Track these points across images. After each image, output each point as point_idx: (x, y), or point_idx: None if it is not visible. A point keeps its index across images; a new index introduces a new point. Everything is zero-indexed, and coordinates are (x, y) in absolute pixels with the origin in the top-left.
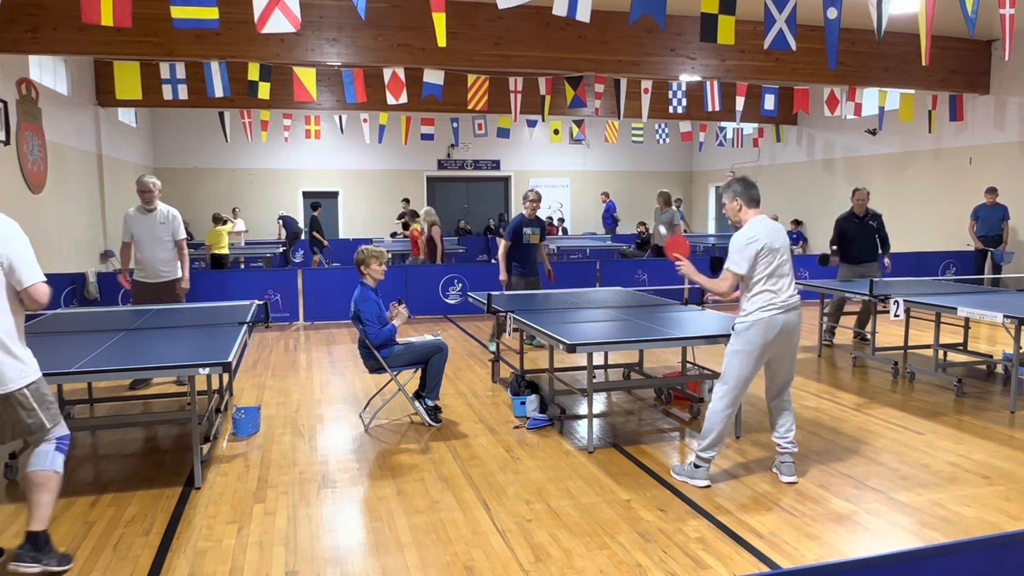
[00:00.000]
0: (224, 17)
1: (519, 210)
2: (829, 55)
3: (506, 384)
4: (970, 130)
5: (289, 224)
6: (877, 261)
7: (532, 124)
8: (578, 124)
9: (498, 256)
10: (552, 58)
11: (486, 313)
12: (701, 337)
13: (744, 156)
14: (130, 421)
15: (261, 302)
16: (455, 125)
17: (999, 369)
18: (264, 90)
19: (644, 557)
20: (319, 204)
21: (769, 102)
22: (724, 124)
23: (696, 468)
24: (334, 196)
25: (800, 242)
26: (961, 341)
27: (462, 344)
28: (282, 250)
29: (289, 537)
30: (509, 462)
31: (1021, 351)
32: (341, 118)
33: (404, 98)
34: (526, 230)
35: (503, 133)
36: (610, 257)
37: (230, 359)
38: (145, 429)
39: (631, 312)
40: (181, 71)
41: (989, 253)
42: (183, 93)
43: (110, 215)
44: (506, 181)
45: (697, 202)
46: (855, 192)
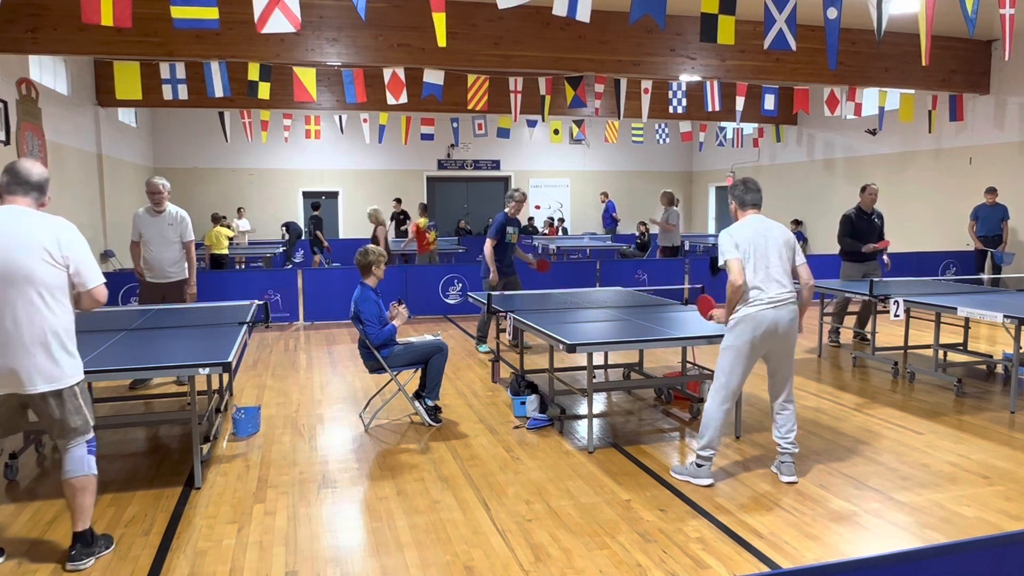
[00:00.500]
0: (224, 17)
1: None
2: (829, 55)
3: (506, 384)
4: (970, 130)
5: (293, 228)
6: (877, 259)
7: (532, 124)
8: (578, 124)
9: (485, 256)
10: (552, 58)
11: (487, 313)
12: (701, 337)
13: (744, 156)
14: (130, 421)
15: (261, 302)
16: (455, 125)
17: (999, 369)
18: (264, 90)
19: (644, 557)
20: (319, 204)
21: (769, 102)
22: (724, 124)
23: (699, 467)
24: (334, 196)
25: (800, 242)
26: (961, 341)
27: (462, 344)
28: (282, 250)
29: (289, 537)
30: (509, 462)
31: (1021, 351)
32: (341, 118)
33: (404, 98)
34: (509, 229)
35: (503, 133)
36: (610, 257)
37: (230, 359)
38: (145, 429)
39: (631, 312)
40: (181, 71)
41: (989, 253)
42: (183, 93)
43: (110, 215)
44: (506, 181)
45: (697, 202)
46: (866, 188)
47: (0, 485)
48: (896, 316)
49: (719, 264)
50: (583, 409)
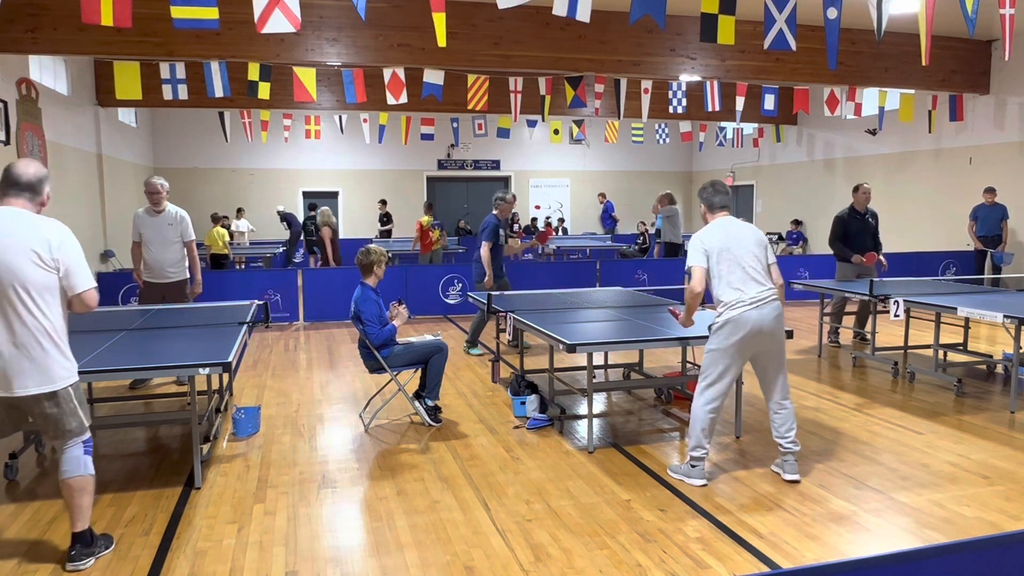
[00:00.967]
0: (224, 17)
1: (514, 210)
2: (829, 55)
3: (506, 384)
4: (970, 130)
5: (293, 222)
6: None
7: (532, 124)
8: (578, 124)
9: (482, 259)
10: (552, 58)
11: (483, 313)
12: (701, 337)
13: (744, 156)
14: (130, 421)
15: (261, 302)
16: (455, 125)
17: (999, 369)
18: (264, 90)
19: (644, 557)
20: (316, 205)
21: (769, 102)
22: (724, 124)
23: (692, 467)
24: (334, 196)
25: (800, 242)
26: (961, 341)
27: (462, 344)
28: (282, 249)
29: (289, 537)
30: (509, 462)
31: (1021, 351)
32: (341, 118)
33: (404, 98)
34: (501, 231)
35: (503, 133)
36: (610, 257)
37: (230, 359)
38: (145, 429)
39: (631, 312)
40: (181, 71)
41: (988, 254)
42: (183, 93)
43: (110, 215)
44: (506, 181)
45: (697, 202)
46: (859, 187)
47: (0, 485)
48: (896, 316)
49: (685, 269)
50: (583, 409)
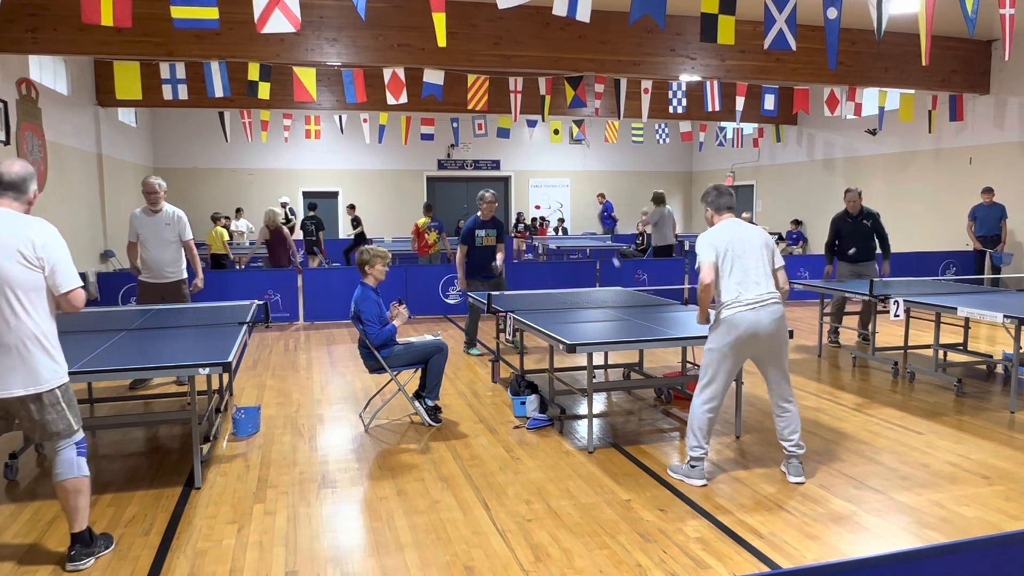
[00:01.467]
0: (224, 17)
1: (518, 209)
2: (829, 55)
3: (506, 384)
4: (970, 130)
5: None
6: (874, 261)
7: (532, 124)
8: (578, 124)
9: (456, 261)
10: (552, 58)
11: (486, 313)
12: (701, 337)
13: (744, 156)
14: (130, 421)
15: (261, 302)
16: (455, 125)
17: (999, 369)
18: (264, 90)
19: (644, 557)
20: (316, 204)
21: (769, 102)
22: (724, 124)
23: (692, 468)
24: (334, 196)
25: (800, 242)
26: (961, 341)
27: (462, 344)
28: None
29: (289, 537)
30: (509, 462)
31: (1021, 351)
32: (341, 118)
33: (404, 98)
34: (479, 232)
35: (503, 133)
36: (610, 257)
37: (230, 359)
38: (145, 429)
39: (631, 312)
40: (181, 71)
41: (988, 254)
42: (183, 93)
43: (110, 215)
44: (506, 181)
45: (697, 202)
46: (846, 193)
47: (0, 485)
48: (896, 316)
49: (696, 267)
50: (583, 409)
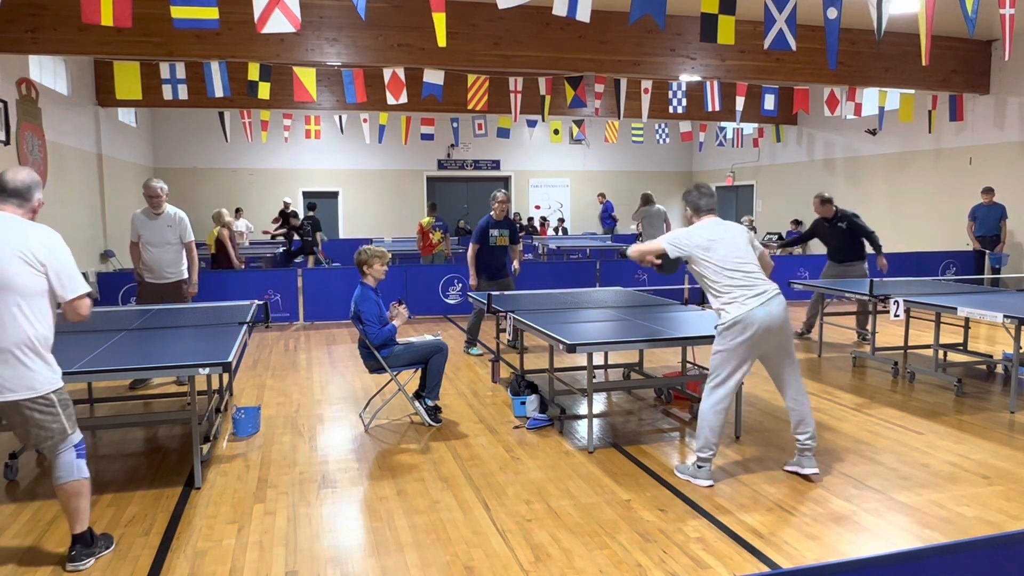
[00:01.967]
0: (224, 17)
1: (516, 210)
2: (829, 55)
3: (506, 384)
4: (970, 130)
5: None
6: (860, 261)
7: (532, 124)
8: (578, 124)
9: (467, 259)
10: (552, 58)
11: (486, 313)
12: (701, 337)
13: (744, 156)
14: (130, 421)
15: (261, 302)
16: (455, 125)
17: (999, 369)
18: (264, 90)
19: (644, 557)
20: (315, 204)
21: (769, 102)
22: (724, 124)
23: (699, 468)
24: (334, 196)
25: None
26: (961, 341)
27: (462, 344)
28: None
29: (289, 537)
30: (509, 462)
31: (1021, 351)
32: (341, 118)
33: (404, 98)
34: (492, 232)
35: (503, 133)
36: (610, 257)
37: (230, 359)
38: (145, 429)
39: (631, 312)
40: (181, 71)
41: (986, 255)
42: (183, 93)
43: (110, 215)
44: (506, 181)
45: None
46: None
47: (0, 485)
48: (896, 316)
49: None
50: (583, 409)
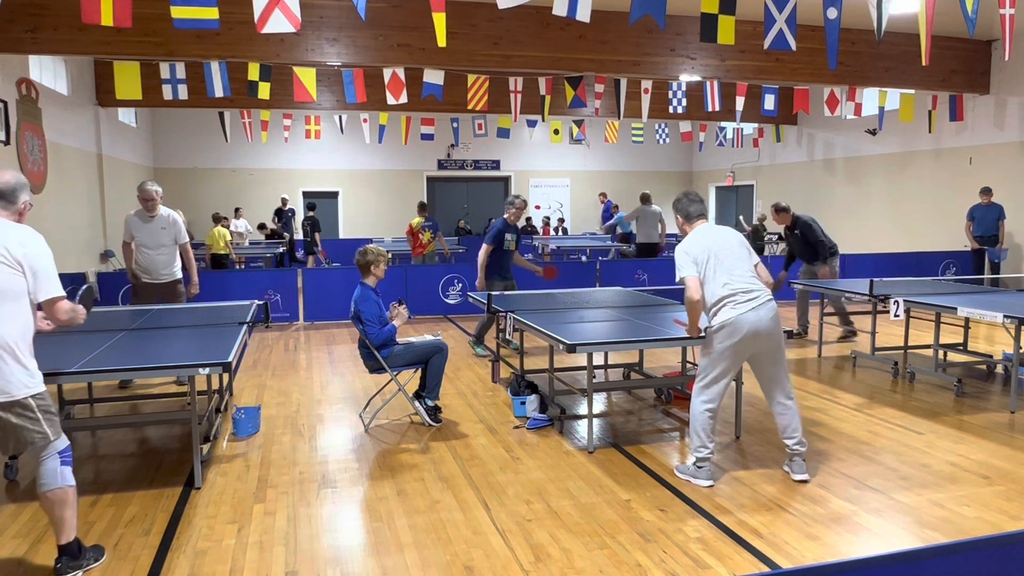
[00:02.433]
0: (224, 17)
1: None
2: (829, 55)
3: (506, 384)
4: (970, 130)
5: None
6: (815, 264)
7: (532, 124)
8: (578, 124)
9: (478, 260)
10: (552, 58)
11: (485, 313)
12: (701, 337)
13: (744, 156)
14: (130, 421)
15: (261, 302)
16: (455, 125)
17: (999, 369)
18: (264, 90)
19: (644, 557)
20: (315, 204)
21: (769, 102)
22: (724, 124)
23: (698, 468)
24: (334, 196)
25: None
26: (961, 341)
27: (462, 344)
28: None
29: (289, 537)
30: (509, 462)
31: (1021, 351)
32: (341, 118)
33: (404, 98)
34: (507, 236)
35: (503, 133)
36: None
37: (230, 359)
38: (145, 429)
39: (631, 312)
40: (181, 71)
41: (986, 252)
42: (183, 93)
43: (110, 215)
44: (506, 181)
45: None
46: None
47: (0, 485)
48: (896, 316)
49: (676, 280)
50: (583, 409)
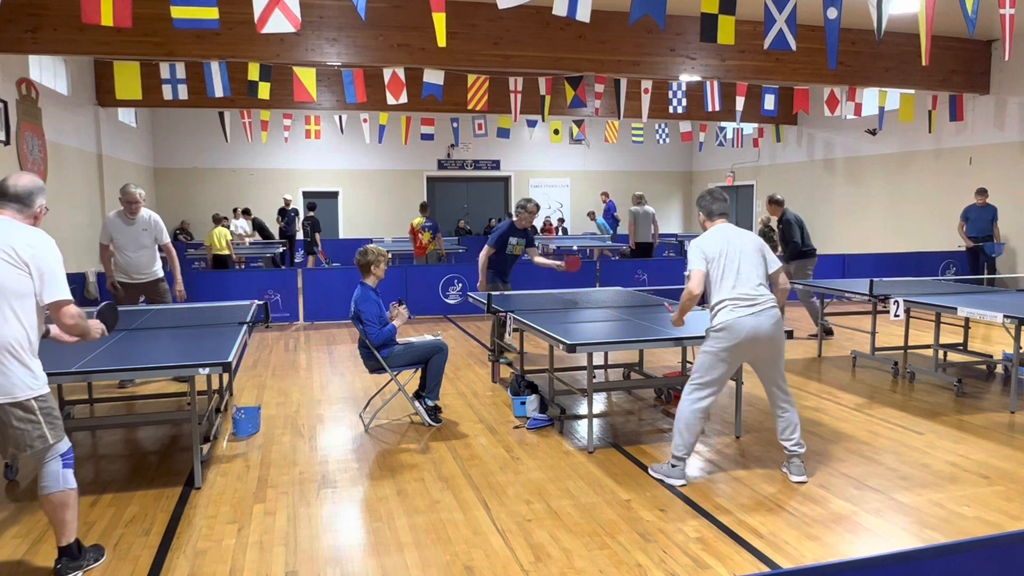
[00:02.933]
0: (224, 17)
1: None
2: (829, 55)
3: (506, 384)
4: (970, 130)
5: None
6: (804, 260)
7: (532, 124)
8: (578, 124)
9: (478, 261)
10: (552, 58)
11: (485, 313)
12: (701, 337)
13: (744, 156)
14: (130, 421)
15: (261, 302)
16: (455, 125)
17: (999, 369)
18: (264, 90)
19: (644, 557)
20: (315, 204)
21: (769, 102)
22: (724, 124)
23: (672, 467)
24: (334, 196)
25: None
26: (961, 341)
27: (462, 344)
28: (282, 251)
29: (289, 537)
30: (509, 462)
31: (1021, 351)
32: (341, 118)
33: (404, 98)
34: (511, 240)
35: (503, 133)
36: (610, 257)
37: (230, 359)
38: (145, 429)
39: (631, 312)
40: (181, 71)
41: (981, 248)
42: (183, 93)
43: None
44: (506, 181)
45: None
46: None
47: (0, 485)
48: (896, 316)
49: (685, 273)
50: (583, 409)
